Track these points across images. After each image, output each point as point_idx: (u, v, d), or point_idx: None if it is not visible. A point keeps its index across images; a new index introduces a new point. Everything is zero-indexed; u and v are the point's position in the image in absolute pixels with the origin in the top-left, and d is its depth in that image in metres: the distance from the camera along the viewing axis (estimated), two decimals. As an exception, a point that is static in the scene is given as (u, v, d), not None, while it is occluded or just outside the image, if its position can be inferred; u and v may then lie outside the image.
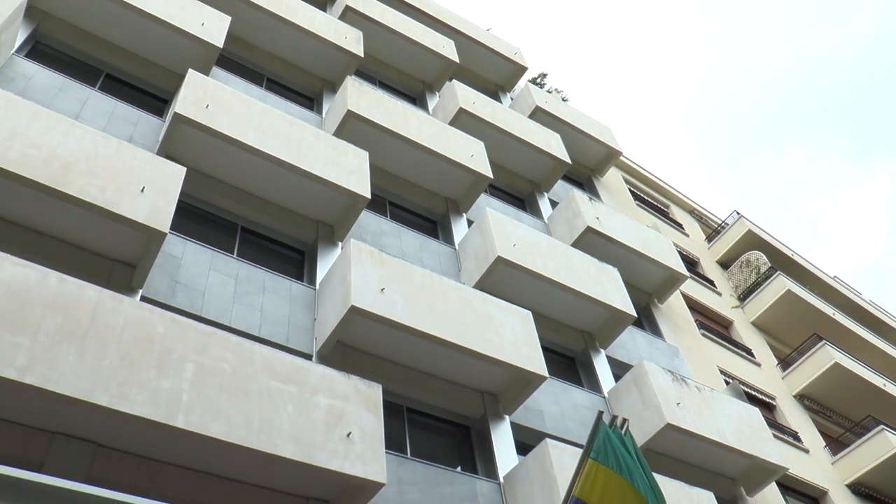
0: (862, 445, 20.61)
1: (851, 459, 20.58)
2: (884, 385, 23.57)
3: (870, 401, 23.30)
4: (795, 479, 18.33)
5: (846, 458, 20.68)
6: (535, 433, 12.19)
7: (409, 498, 9.80)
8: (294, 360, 8.91)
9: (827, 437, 22.01)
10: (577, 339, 15.28)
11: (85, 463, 7.54)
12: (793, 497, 18.21)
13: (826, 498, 19.09)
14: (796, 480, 18.39)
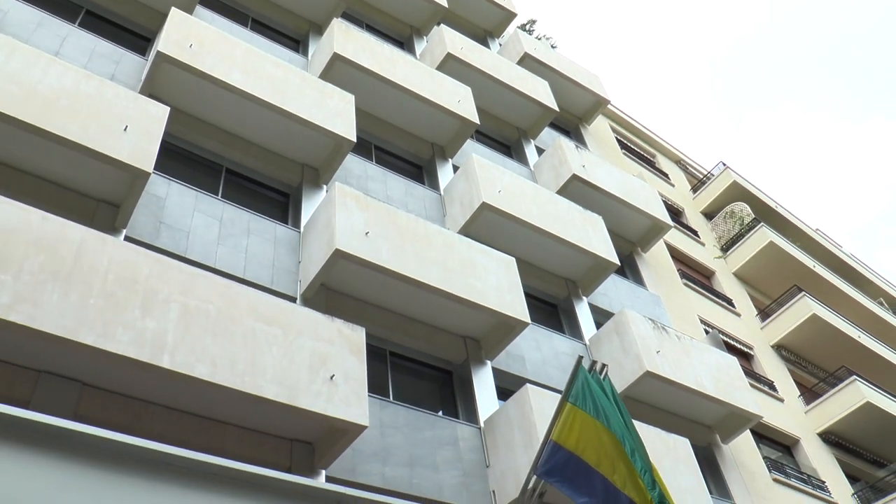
0: (834, 395, 21.08)
1: (824, 409, 21.07)
2: (859, 337, 24.00)
3: (845, 352, 23.76)
4: (769, 428, 18.76)
5: (819, 407, 21.16)
6: (517, 379, 12.37)
7: (390, 441, 9.97)
8: (279, 302, 8.95)
9: (802, 386, 22.47)
10: (559, 287, 15.41)
11: (71, 402, 7.61)
12: (766, 444, 18.66)
13: (798, 446, 19.57)
14: (770, 428, 18.83)
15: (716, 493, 14.49)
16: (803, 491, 17.67)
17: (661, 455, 11.26)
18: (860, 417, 20.77)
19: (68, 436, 4.88)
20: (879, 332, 27.25)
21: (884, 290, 32.16)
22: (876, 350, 24.37)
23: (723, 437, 15.21)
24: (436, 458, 10.18)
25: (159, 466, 5.16)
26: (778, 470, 17.70)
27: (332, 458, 8.84)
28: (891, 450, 22.08)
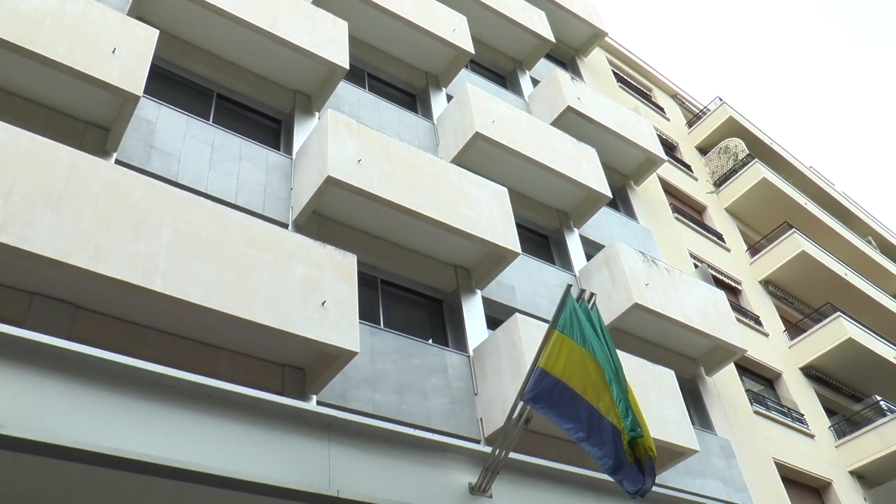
0: (818, 331, 21.42)
1: (807, 344, 21.43)
2: (845, 274, 24.25)
3: (831, 289, 24.04)
4: (753, 361, 19.11)
5: (802, 342, 21.52)
6: (506, 308, 12.51)
7: (380, 368, 10.13)
8: (271, 227, 8.97)
9: (787, 322, 22.81)
10: (551, 218, 15.46)
11: (65, 324, 7.67)
12: (749, 378, 19.04)
13: (780, 379, 19.98)
14: (754, 362, 19.18)
15: (698, 424, 14.85)
16: (782, 423, 18.12)
17: (646, 386, 11.51)
18: (842, 353, 21.16)
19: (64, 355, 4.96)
20: (866, 271, 27.54)
21: (873, 229, 32.37)
22: (861, 288, 24.67)
23: (707, 370, 15.50)
24: (425, 386, 10.37)
25: (154, 387, 5.27)
26: (759, 403, 18.11)
27: (322, 384, 9.00)
28: (868, 385, 22.58)
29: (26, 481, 4.87)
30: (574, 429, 5.79)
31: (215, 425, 5.39)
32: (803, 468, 17.52)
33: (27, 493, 4.96)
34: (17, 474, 4.79)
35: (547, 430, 10.33)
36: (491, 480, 6.41)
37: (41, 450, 4.52)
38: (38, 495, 4.98)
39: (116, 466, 4.76)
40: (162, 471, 4.88)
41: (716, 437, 14.62)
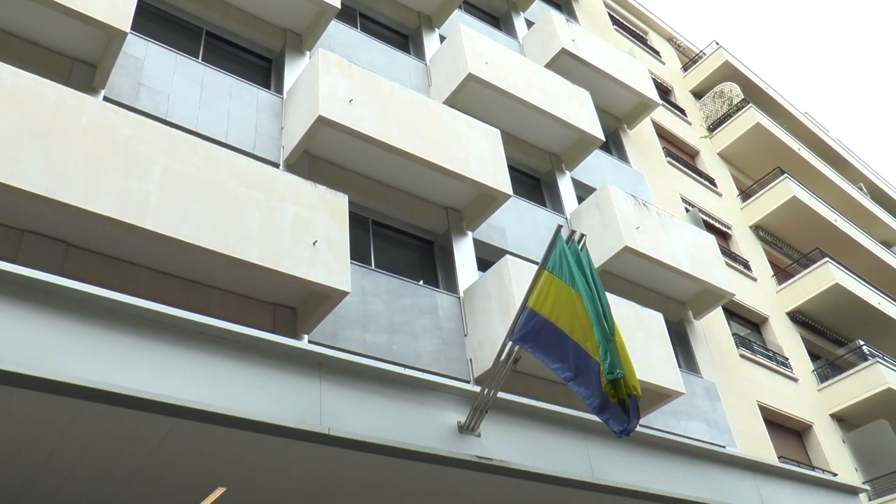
0: (806, 276, 21.62)
1: (795, 289, 21.65)
2: (835, 220, 24.38)
3: (820, 235, 24.18)
4: (741, 306, 19.33)
5: (790, 287, 21.74)
6: (497, 250, 12.56)
7: (371, 308, 10.20)
8: (261, 167, 8.92)
9: (775, 267, 23.00)
10: (543, 161, 15.42)
11: (56, 261, 7.68)
12: (736, 321, 19.27)
13: (766, 324, 20.23)
14: (741, 306, 19.39)
15: (685, 366, 15.07)
16: (767, 367, 18.42)
17: (634, 328, 11.64)
18: (828, 298, 21.41)
19: (57, 291, 4.98)
20: (856, 217, 27.67)
21: (865, 176, 32.42)
22: (850, 234, 24.83)
23: (695, 313, 15.68)
24: (415, 326, 10.46)
25: (147, 324, 5.30)
26: (745, 346, 18.37)
27: (314, 323, 9.07)
28: (852, 330, 22.90)
29: (24, 415, 4.94)
30: (561, 368, 5.87)
31: (208, 362, 5.45)
32: (786, 411, 17.88)
33: (25, 427, 5.03)
34: (15, 409, 4.85)
35: (535, 371, 10.48)
36: (479, 419, 6.51)
37: (37, 385, 4.57)
38: (36, 429, 5.06)
39: (111, 402, 4.82)
40: (156, 407, 4.95)
41: (701, 380, 14.86)
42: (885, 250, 26.98)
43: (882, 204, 31.94)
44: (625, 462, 7.63)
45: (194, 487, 6.09)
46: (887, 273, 26.50)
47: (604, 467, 7.33)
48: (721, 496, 8.16)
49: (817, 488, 9.52)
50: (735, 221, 22.55)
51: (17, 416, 4.94)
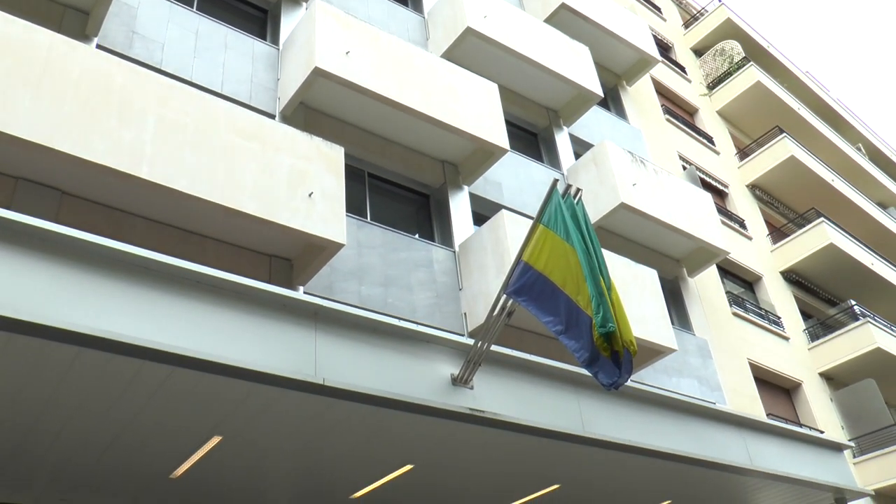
0: (801, 236, 21.69)
1: (789, 248, 21.73)
2: (832, 180, 24.36)
3: (817, 195, 24.20)
4: (735, 264, 19.41)
5: (785, 246, 21.81)
6: (493, 205, 12.55)
7: (367, 260, 10.23)
8: (257, 117, 8.86)
9: (771, 226, 23.04)
10: (541, 116, 15.32)
11: (51, 209, 7.67)
12: (730, 280, 19.37)
13: (760, 283, 20.34)
14: (736, 265, 19.48)
15: (677, 323, 15.19)
16: (759, 325, 18.57)
17: (628, 284, 11.70)
18: (822, 258, 21.50)
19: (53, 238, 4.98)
20: (853, 177, 27.66)
21: (864, 136, 32.31)
22: (846, 194, 24.84)
23: (689, 271, 15.75)
24: (410, 280, 10.50)
25: (144, 272, 5.31)
26: (738, 305, 18.49)
27: (309, 275, 9.10)
28: (845, 290, 23.05)
29: (23, 361, 4.98)
30: (553, 322, 5.91)
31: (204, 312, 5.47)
32: (776, 369, 18.08)
33: (24, 372, 5.08)
34: (13, 354, 4.89)
35: (529, 325, 10.56)
36: (473, 372, 6.58)
37: (34, 330, 4.60)
38: (35, 374, 5.11)
39: (108, 349, 4.85)
40: (152, 354, 4.98)
41: (694, 337, 14.99)
42: (880, 211, 27.03)
43: (880, 165, 31.90)
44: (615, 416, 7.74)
45: (191, 436, 6.17)
46: (882, 234, 26.60)
47: (595, 421, 7.44)
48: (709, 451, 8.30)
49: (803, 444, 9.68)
50: (732, 180, 22.53)
51: (16, 362, 4.98)
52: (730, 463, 8.39)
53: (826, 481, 9.32)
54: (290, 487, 7.68)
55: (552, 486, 8.34)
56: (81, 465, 6.48)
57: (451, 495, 8.35)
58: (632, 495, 9.00)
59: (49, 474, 6.60)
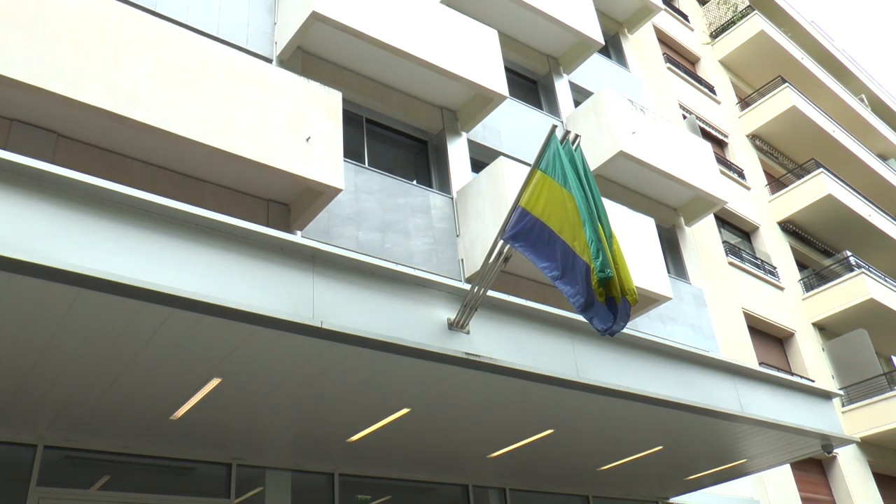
0: (799, 186, 21.67)
1: (787, 199, 21.73)
2: (833, 131, 24.23)
3: (817, 145, 24.11)
4: (732, 214, 19.44)
5: (783, 197, 21.81)
6: (491, 152, 12.51)
7: (364, 206, 10.22)
8: (254, 61, 8.76)
9: (770, 176, 23.00)
10: (541, 63, 15.15)
11: (47, 152, 7.63)
12: (727, 230, 19.42)
13: (757, 233, 20.40)
14: (733, 215, 19.50)
15: (673, 272, 15.27)
16: (755, 275, 18.68)
17: (626, 233, 11.73)
18: (820, 209, 21.53)
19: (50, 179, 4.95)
20: (855, 129, 27.51)
21: (867, 87, 32.02)
22: (847, 145, 24.74)
23: (687, 220, 15.77)
24: (408, 225, 10.51)
25: (141, 214, 5.30)
26: (734, 254, 18.57)
27: (307, 220, 9.11)
28: (842, 241, 23.13)
29: (21, 302, 5.01)
30: (549, 267, 5.92)
31: (202, 254, 5.48)
32: (770, 319, 18.24)
33: (23, 313, 5.11)
34: (11, 295, 4.92)
35: (525, 272, 10.62)
36: (469, 317, 6.62)
37: (33, 271, 4.61)
38: (34, 314, 5.14)
39: (108, 290, 4.86)
40: (151, 296, 5.00)
41: (689, 286, 15.08)
42: (880, 163, 26.95)
43: (882, 117, 31.69)
44: (609, 362, 7.81)
45: (190, 377, 6.24)
46: (881, 186, 26.58)
47: (589, 367, 7.51)
48: (701, 398, 8.40)
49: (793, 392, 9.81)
50: (732, 130, 22.41)
51: (15, 303, 5.01)
52: (721, 409, 8.50)
53: (813, 428, 9.48)
54: (289, 430, 7.81)
55: (546, 431, 8.48)
56: (83, 405, 6.58)
57: (446, 440, 8.49)
58: (624, 441, 9.16)
59: (51, 415, 6.70)
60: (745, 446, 9.82)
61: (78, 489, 7.28)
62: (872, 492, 18.25)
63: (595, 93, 14.55)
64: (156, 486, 7.73)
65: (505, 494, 10.36)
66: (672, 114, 18.92)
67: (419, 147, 12.08)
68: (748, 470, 11.15)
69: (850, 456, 18.18)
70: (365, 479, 9.21)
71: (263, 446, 8.09)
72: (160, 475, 7.88)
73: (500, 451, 8.98)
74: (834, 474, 17.69)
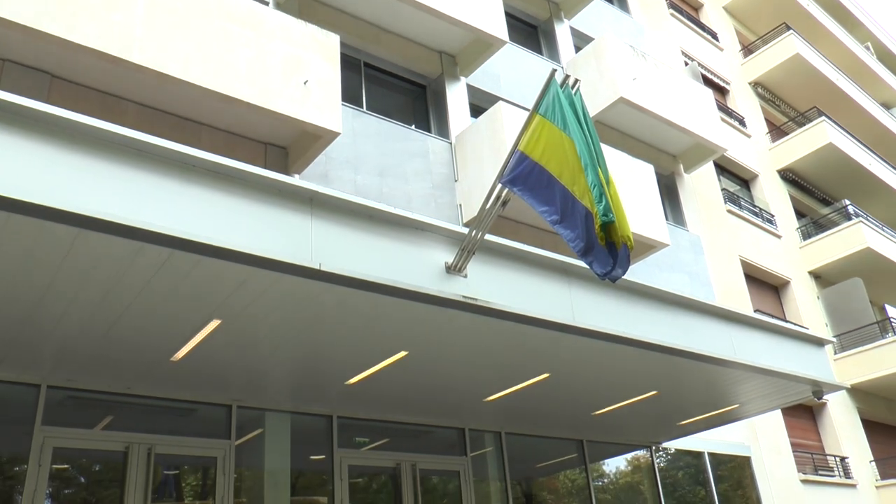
0: (800, 135, 21.55)
1: (788, 147, 21.64)
2: (837, 79, 23.98)
3: (820, 93, 23.88)
4: (732, 161, 19.37)
5: (784, 145, 21.71)
6: (490, 97, 12.41)
7: (362, 150, 10.17)
8: (251, 3, 8.63)
9: (771, 124, 22.85)
10: (541, 8, 14.92)
11: (41, 93, 7.57)
12: (726, 177, 19.38)
13: (756, 181, 20.36)
14: (733, 162, 19.44)
15: (671, 219, 15.29)
16: (753, 223, 18.71)
17: (624, 179, 11.71)
18: (820, 157, 21.45)
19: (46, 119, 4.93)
20: (859, 77, 27.23)
21: (874, 35, 31.58)
22: (850, 93, 24.51)
23: (686, 167, 15.73)
24: (406, 170, 10.48)
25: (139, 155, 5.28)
26: (733, 202, 18.56)
27: (305, 164, 9.08)
28: (840, 190, 23.11)
29: (20, 242, 5.03)
30: (548, 211, 5.92)
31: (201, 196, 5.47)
32: (766, 267, 18.33)
33: (23, 253, 5.14)
34: (11, 235, 4.93)
35: (523, 217, 10.63)
36: (466, 260, 6.65)
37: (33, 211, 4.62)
38: (34, 255, 5.16)
39: (107, 230, 4.88)
40: (151, 237, 5.02)
41: (687, 233, 15.12)
42: (884, 112, 26.75)
43: (888, 65, 31.32)
44: (605, 308, 7.87)
45: (191, 319, 6.30)
46: (884, 135, 26.43)
47: (585, 312, 7.58)
48: (696, 343, 8.50)
49: (786, 339, 9.91)
50: (734, 77, 22.18)
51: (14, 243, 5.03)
52: (714, 355, 8.61)
53: (805, 374, 9.61)
54: (288, 372, 7.91)
55: (542, 376, 8.59)
56: (84, 347, 6.65)
57: (443, 383, 8.60)
58: (620, 385, 9.28)
59: (54, 356, 6.78)
60: (737, 392, 9.97)
61: (82, 429, 7.41)
62: (860, 437, 18.59)
63: (596, 38, 14.36)
64: (158, 427, 7.86)
65: (501, 438, 10.54)
66: (674, 60, 18.71)
67: (418, 92, 11.97)
68: (740, 415, 11.34)
69: (840, 403, 18.47)
70: (363, 422, 9.37)
71: (263, 388, 8.21)
72: (162, 416, 8.01)
73: (496, 395, 9.11)
74: (823, 421, 18.00)
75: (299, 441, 8.85)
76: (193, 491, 8.30)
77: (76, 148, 5.02)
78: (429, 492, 9.82)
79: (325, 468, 8.90)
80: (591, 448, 11.58)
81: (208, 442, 8.08)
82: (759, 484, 14.41)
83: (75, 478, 7.56)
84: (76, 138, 5.02)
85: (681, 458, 13.33)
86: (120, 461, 7.54)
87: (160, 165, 5.36)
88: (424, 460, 9.72)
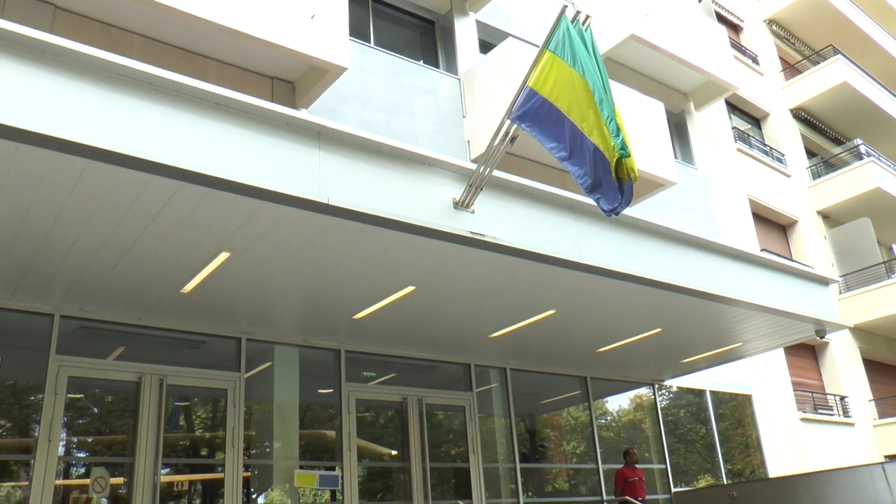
0: (815, 73, 21.20)
1: (801, 85, 21.31)
2: (855, 16, 23.46)
3: (836, 30, 23.37)
4: (744, 100, 19.13)
5: (797, 83, 21.38)
6: (500, 33, 12.22)
7: (370, 85, 10.09)
8: (255, -68, 8.45)
9: (785, 63, 22.47)
10: (554, -60, 14.57)
11: (44, 24, 7.49)
12: (737, 115, 19.16)
13: (767, 120, 20.13)
14: (744, 101, 19.20)
15: (680, 157, 15.20)
16: (762, 162, 18.57)
17: (634, 116, 11.60)
18: (834, 96, 21.15)
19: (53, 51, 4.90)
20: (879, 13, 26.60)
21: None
22: (868, 31, 24.00)
23: (697, 105, 15.56)
24: (413, 106, 10.41)
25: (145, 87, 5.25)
26: (743, 141, 18.40)
27: (312, 98, 9.03)
28: (853, 129, 22.83)
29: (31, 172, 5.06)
30: (557, 148, 5.91)
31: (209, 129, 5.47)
32: (774, 206, 18.27)
33: (34, 183, 5.18)
34: (20, 165, 4.96)
35: (531, 154, 10.59)
36: (474, 196, 6.66)
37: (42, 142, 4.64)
38: (43, 185, 5.20)
39: (116, 162, 4.90)
40: (160, 169, 5.05)
41: (695, 172, 15.05)
42: (901, 50, 26.23)
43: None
44: (612, 245, 7.90)
45: (200, 252, 6.37)
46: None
47: (591, 248, 7.61)
48: (701, 282, 8.54)
49: (791, 277, 9.95)
50: (748, 14, 21.73)
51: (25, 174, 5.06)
52: (719, 293, 8.66)
53: (808, 313, 9.67)
54: (296, 306, 8.01)
55: (548, 312, 8.68)
56: (95, 278, 6.74)
57: (450, 318, 8.71)
58: (624, 322, 9.38)
59: (65, 286, 6.88)
60: (741, 330, 10.06)
61: (95, 358, 7.56)
62: (860, 376, 18.79)
63: (608, -29, 14.05)
64: (169, 358, 8.01)
65: (506, 374, 10.71)
66: (688, -4, 18.32)
67: (426, 27, 11.80)
68: (743, 353, 11.46)
69: (842, 342, 18.62)
70: (370, 356, 9.52)
71: (272, 322, 8.33)
72: (173, 347, 8.16)
73: (501, 331, 9.23)
74: (825, 359, 18.18)
75: (308, 374, 9.02)
76: (204, 423, 8.51)
77: (85, 79, 5.01)
78: (434, 427, 10.03)
79: (333, 401, 9.09)
80: (595, 385, 11.76)
81: (219, 374, 8.25)
82: (758, 422, 14.65)
83: (89, 407, 7.75)
84: (85, 70, 5.00)
85: (683, 397, 13.53)
86: (133, 391, 7.72)
87: (169, 98, 5.35)
88: (431, 395, 9.90)
